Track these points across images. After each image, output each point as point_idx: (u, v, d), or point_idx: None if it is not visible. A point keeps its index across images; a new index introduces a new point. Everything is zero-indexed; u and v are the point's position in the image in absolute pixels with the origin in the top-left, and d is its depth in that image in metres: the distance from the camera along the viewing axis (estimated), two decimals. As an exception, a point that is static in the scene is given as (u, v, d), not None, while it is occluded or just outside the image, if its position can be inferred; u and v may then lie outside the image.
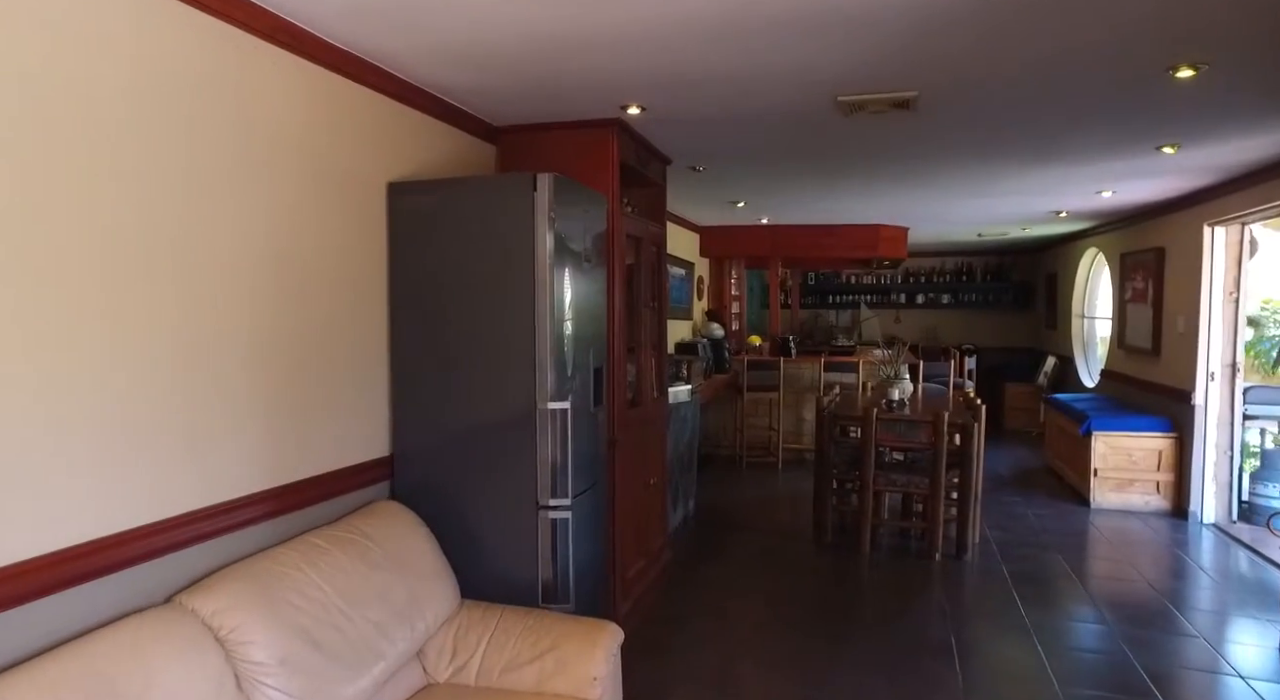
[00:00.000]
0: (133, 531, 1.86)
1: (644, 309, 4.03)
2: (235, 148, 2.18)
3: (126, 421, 1.85)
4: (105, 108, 1.79)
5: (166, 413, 1.96)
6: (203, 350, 2.08)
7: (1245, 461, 5.77)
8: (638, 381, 4.03)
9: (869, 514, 4.85)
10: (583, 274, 3.03)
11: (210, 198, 2.10)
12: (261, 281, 2.29)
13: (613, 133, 3.58)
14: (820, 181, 5.26)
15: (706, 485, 6.63)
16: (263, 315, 2.30)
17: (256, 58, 2.25)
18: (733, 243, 8.11)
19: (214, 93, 2.10)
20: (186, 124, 2.01)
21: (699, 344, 7.07)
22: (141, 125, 1.88)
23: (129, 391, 1.86)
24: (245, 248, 2.22)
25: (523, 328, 2.74)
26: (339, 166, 2.63)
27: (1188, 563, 4.85)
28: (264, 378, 2.29)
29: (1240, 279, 5.63)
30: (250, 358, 2.24)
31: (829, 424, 5.00)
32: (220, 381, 2.14)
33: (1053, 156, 4.29)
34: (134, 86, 1.86)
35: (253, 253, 2.25)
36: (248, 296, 2.23)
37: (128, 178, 1.85)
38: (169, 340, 1.97)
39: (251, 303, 2.25)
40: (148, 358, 1.91)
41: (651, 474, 4.16)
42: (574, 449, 2.86)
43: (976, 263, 11.00)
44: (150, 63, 1.91)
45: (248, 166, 2.23)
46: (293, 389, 2.41)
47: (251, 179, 2.24)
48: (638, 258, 4.01)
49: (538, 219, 2.71)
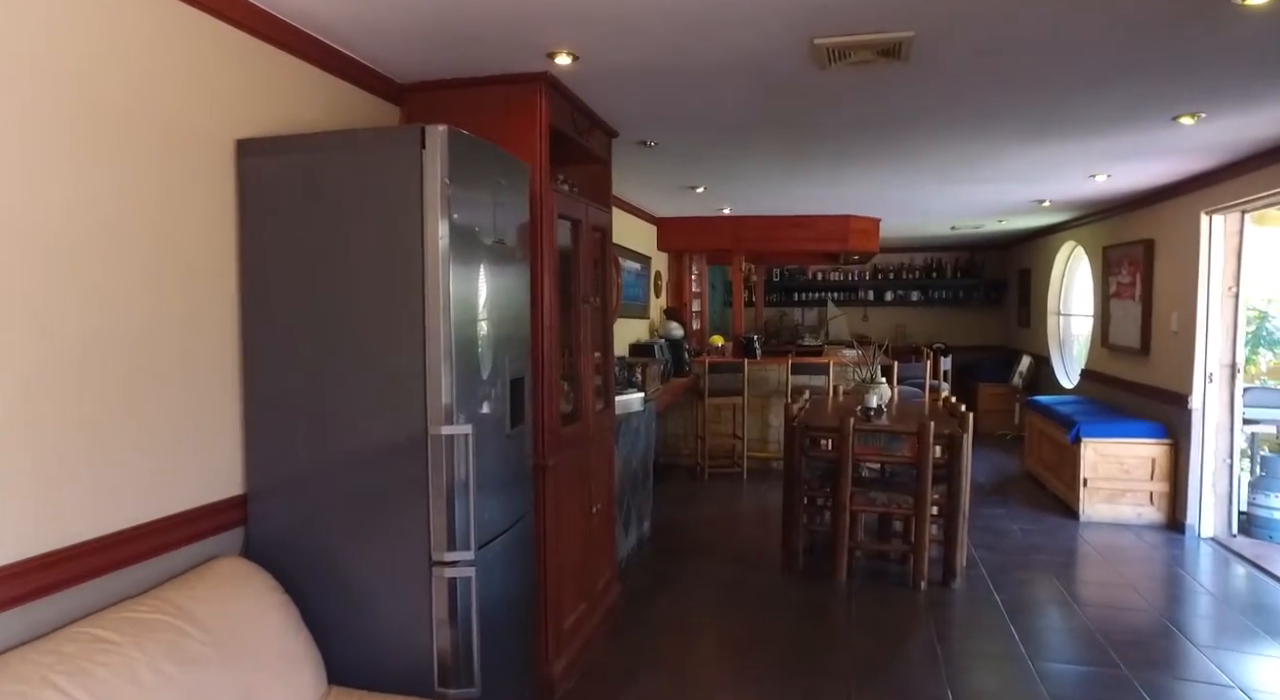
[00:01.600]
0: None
1: (584, 306, 3.39)
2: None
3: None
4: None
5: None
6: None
7: (1241, 468, 5.34)
8: (576, 392, 3.40)
9: (844, 538, 4.28)
10: (497, 262, 2.39)
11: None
12: (38, 273, 1.61)
13: (540, 90, 2.94)
14: (788, 161, 4.67)
15: (664, 501, 6.02)
16: (39, 317, 1.62)
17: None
18: (693, 235, 7.51)
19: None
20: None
21: (656, 345, 6.46)
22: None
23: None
24: (14, 227, 1.55)
25: (408, 331, 2.09)
26: (167, 119, 1.95)
27: (1194, 586, 4.37)
28: (34, 399, 1.61)
29: (1239, 272, 5.19)
30: (11, 373, 1.56)
31: (799, 435, 4.42)
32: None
33: (1054, 130, 3.76)
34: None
35: (24, 235, 1.57)
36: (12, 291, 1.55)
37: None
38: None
39: (20, 300, 1.57)
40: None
41: (595, 500, 3.53)
42: (481, 484, 2.22)
43: (947, 258, 10.58)
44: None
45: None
46: (85, 411, 1.73)
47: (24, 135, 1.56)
48: (577, 245, 3.37)
49: (427, 188, 2.06)
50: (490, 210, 2.34)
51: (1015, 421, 8.76)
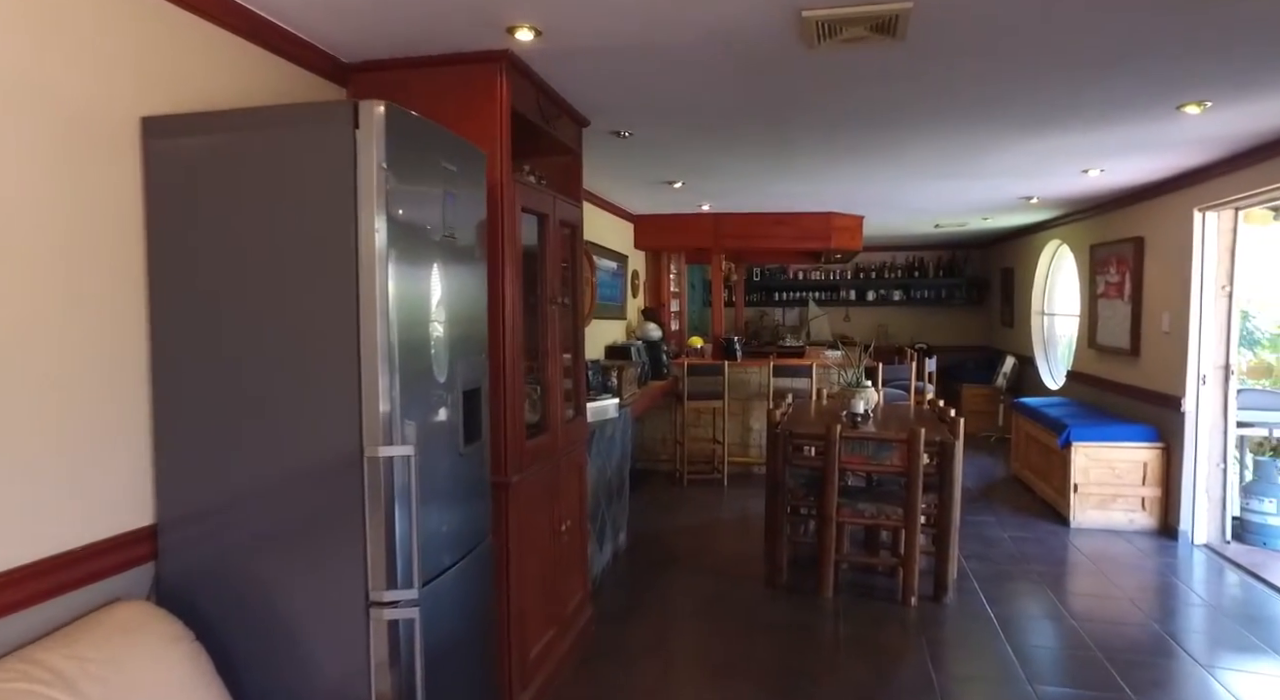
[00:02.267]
0: None
1: (551, 307, 3.13)
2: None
3: None
4: None
5: None
6: None
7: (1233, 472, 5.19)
8: (544, 401, 3.13)
9: (831, 552, 4.05)
10: (448, 259, 2.12)
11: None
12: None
13: (500, 70, 2.67)
14: (770, 155, 4.44)
15: (642, 510, 5.77)
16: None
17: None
18: (671, 233, 7.26)
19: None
20: None
21: (633, 347, 6.20)
22: None
23: None
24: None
25: (340, 338, 1.81)
26: (55, 91, 1.67)
27: (1192, 597, 4.19)
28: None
29: (1233, 271, 5.04)
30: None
31: (783, 442, 4.19)
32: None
33: (1055, 120, 3.54)
34: None
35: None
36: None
37: None
38: None
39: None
40: None
41: (565, 517, 3.27)
42: (429, 510, 1.95)
43: (929, 257, 10.42)
44: None
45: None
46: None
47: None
48: (543, 241, 3.11)
49: (362, 174, 1.78)
50: (439, 201, 2.07)
51: (999, 423, 8.61)
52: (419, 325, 1.96)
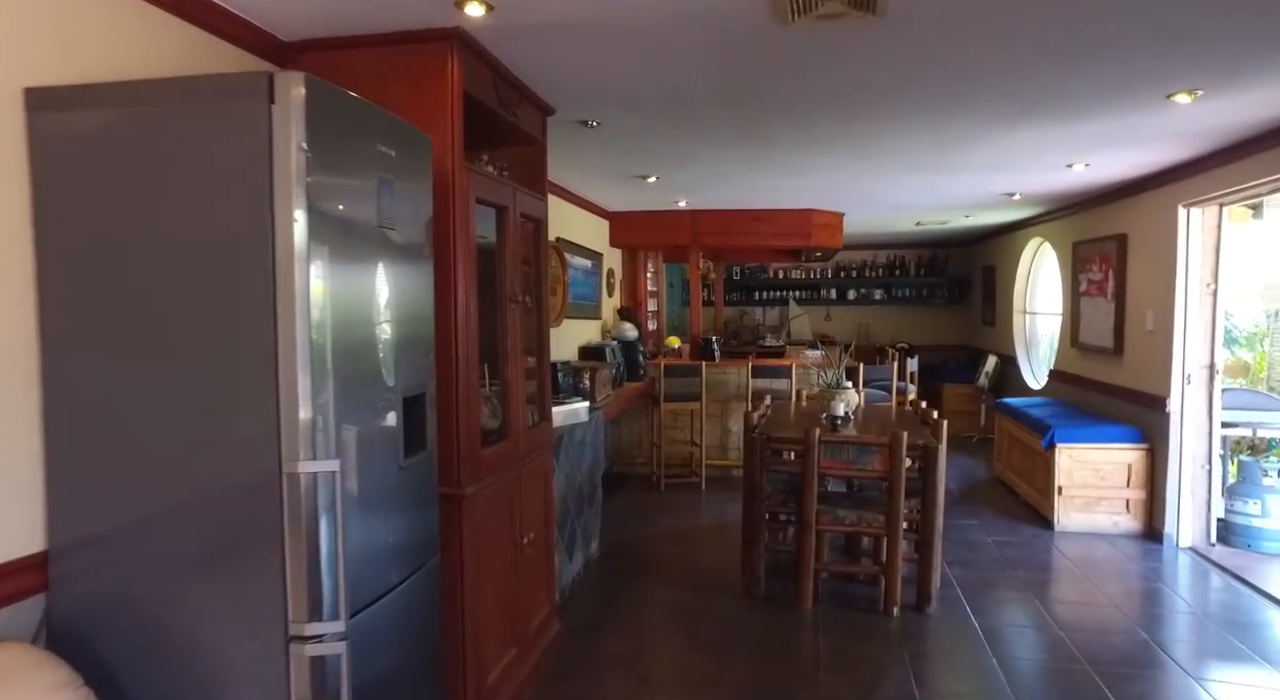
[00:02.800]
0: None
1: (512, 306, 2.93)
2: None
3: None
4: None
5: None
6: None
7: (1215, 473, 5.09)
8: (504, 406, 2.94)
9: (810, 561, 3.89)
10: (385, 254, 1.92)
11: None
12: None
13: (451, 49, 2.47)
14: (746, 147, 4.26)
15: (617, 515, 5.58)
16: None
17: None
18: (648, 230, 7.08)
19: None
20: None
21: (607, 348, 6.01)
22: None
23: None
24: None
25: (253, 342, 1.61)
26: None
27: (1180, 604, 4.07)
28: None
29: (1218, 268, 4.93)
30: None
31: (760, 447, 4.02)
32: None
33: (1041, 110, 3.40)
34: None
35: None
36: None
37: None
38: None
39: None
40: None
41: (528, 528, 3.07)
42: (361, 531, 1.76)
43: (910, 256, 10.32)
44: None
45: None
46: None
47: None
48: (503, 235, 2.91)
49: (278, 156, 1.58)
50: (374, 190, 1.87)
51: (981, 423, 8.51)
52: (349, 326, 1.76)
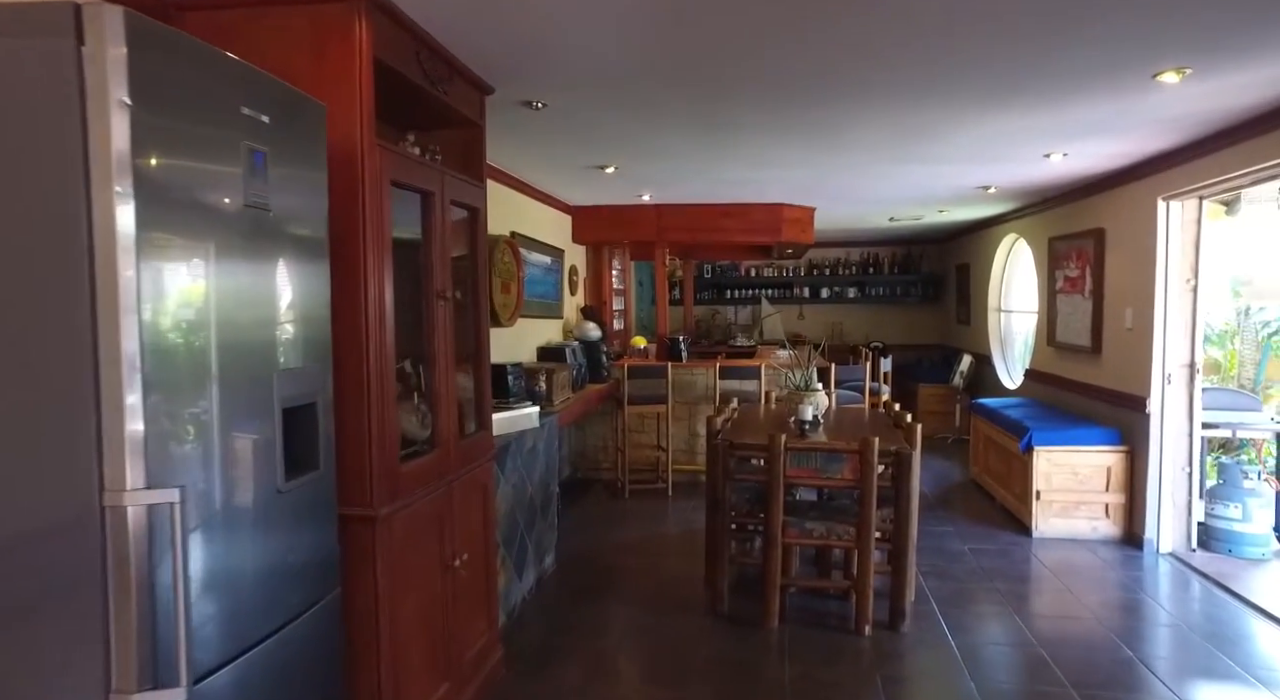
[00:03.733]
0: None
1: (440, 303, 2.63)
2: None
3: None
4: None
5: None
6: None
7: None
8: (433, 414, 2.64)
9: (776, 576, 3.62)
10: (259, 239, 1.62)
11: None
12: None
13: (358, 12, 2.17)
14: (705, 134, 3.99)
15: (578, 525, 5.30)
16: None
17: None
18: (611, 226, 6.79)
19: None
20: None
21: (568, 348, 5.72)
22: None
23: None
24: None
25: (68, 345, 1.30)
26: None
27: (1164, 615, 3.86)
28: None
29: (1198, 264, 4.75)
30: None
31: (723, 454, 3.75)
32: None
33: (1020, 91, 3.15)
34: None
35: None
36: None
37: None
38: None
39: None
40: None
41: (461, 548, 2.77)
42: (219, 577, 1.45)
43: (884, 253, 10.13)
44: None
45: None
46: None
47: None
48: (428, 224, 2.61)
49: (93, 115, 1.27)
50: (241, 162, 1.57)
51: (956, 424, 8.33)
52: (201, 327, 1.46)
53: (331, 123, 2.10)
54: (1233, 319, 7.83)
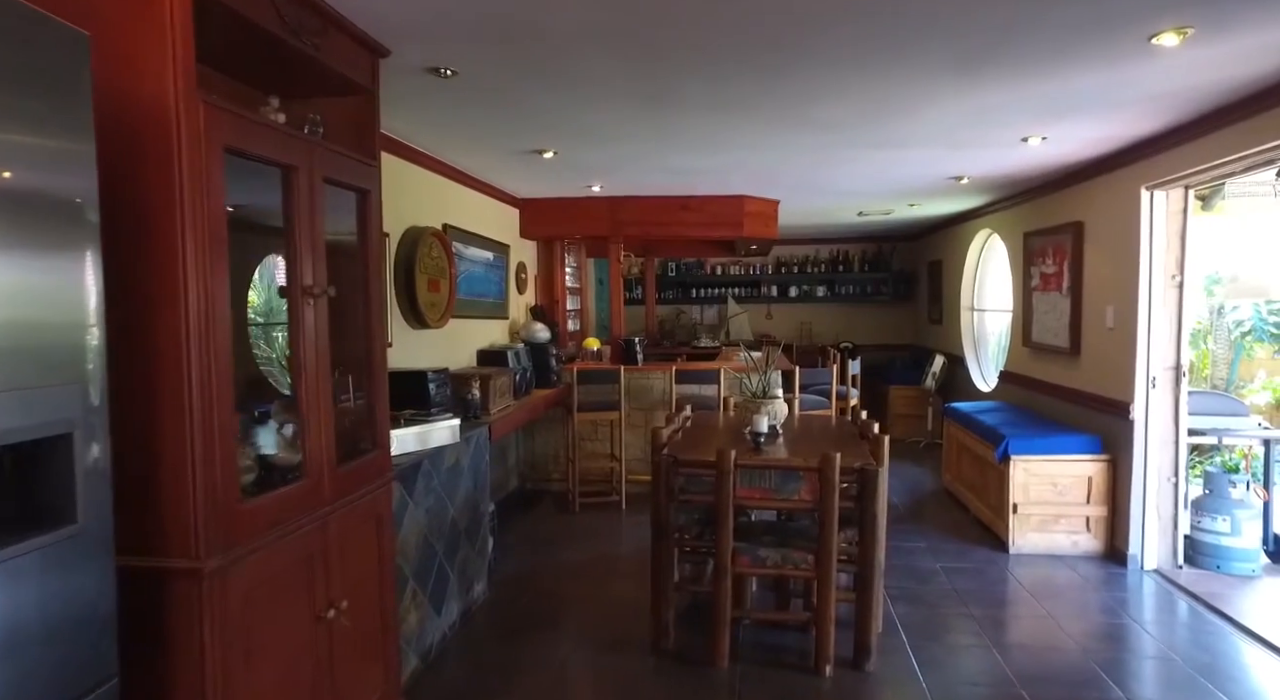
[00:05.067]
0: None
1: (309, 302, 2.17)
2: None
3: None
4: None
5: None
6: None
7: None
8: (302, 437, 2.18)
9: (726, 611, 3.20)
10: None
11: None
12: None
13: (170, -74, 1.71)
14: (645, 109, 3.54)
15: (520, 543, 4.87)
16: None
17: None
18: (562, 220, 6.34)
19: None
20: None
21: (510, 351, 5.26)
22: None
23: None
24: None
25: None
26: None
27: (1147, 640, 3.51)
28: None
29: (1184, 259, 4.42)
30: None
31: (667, 471, 3.32)
32: None
33: (995, 61, 2.77)
34: None
35: None
36: None
37: None
38: None
39: None
40: None
41: (340, 593, 2.32)
42: None
43: (853, 250, 9.78)
44: None
45: None
46: None
47: None
48: (291, 206, 2.15)
49: None
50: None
51: (929, 427, 7.99)
52: None
53: (132, 68, 1.65)
54: (1205, 318, 7.60)
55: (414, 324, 4.29)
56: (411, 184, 4.29)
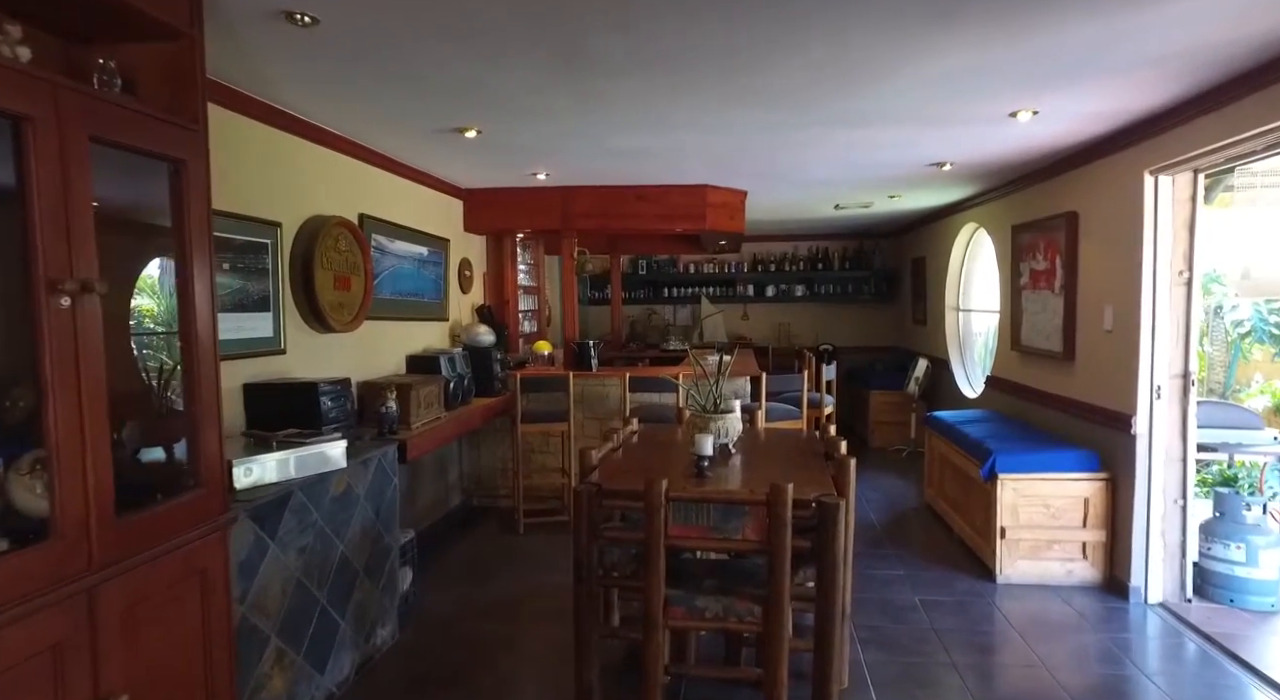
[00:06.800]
0: None
1: (61, 299, 1.63)
2: None
3: None
4: None
5: None
6: None
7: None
8: (51, 481, 1.63)
9: (657, 673, 2.66)
10: None
11: None
12: None
13: None
14: (561, 71, 3.00)
15: (451, 571, 4.36)
16: None
17: None
18: (509, 212, 5.79)
19: None
20: None
21: (444, 357, 4.71)
22: None
23: None
24: None
25: None
26: None
27: (1154, 691, 3.01)
28: None
29: (1192, 252, 3.91)
30: None
31: (588, 504, 2.77)
32: None
33: (972, 11, 2.24)
34: None
35: None
36: None
37: None
38: None
39: None
40: None
41: (120, 686, 1.77)
42: None
43: (834, 247, 9.27)
44: None
45: None
46: None
47: None
48: (28, 170, 1.60)
49: None
50: None
51: (912, 435, 7.49)
52: None
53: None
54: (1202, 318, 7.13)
55: (316, 327, 3.73)
56: (312, 167, 3.73)
